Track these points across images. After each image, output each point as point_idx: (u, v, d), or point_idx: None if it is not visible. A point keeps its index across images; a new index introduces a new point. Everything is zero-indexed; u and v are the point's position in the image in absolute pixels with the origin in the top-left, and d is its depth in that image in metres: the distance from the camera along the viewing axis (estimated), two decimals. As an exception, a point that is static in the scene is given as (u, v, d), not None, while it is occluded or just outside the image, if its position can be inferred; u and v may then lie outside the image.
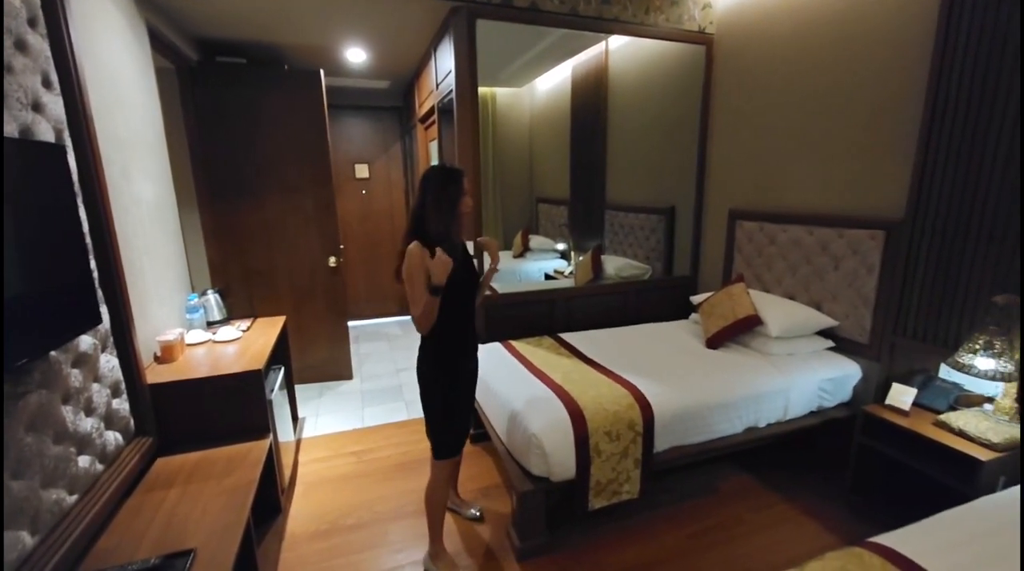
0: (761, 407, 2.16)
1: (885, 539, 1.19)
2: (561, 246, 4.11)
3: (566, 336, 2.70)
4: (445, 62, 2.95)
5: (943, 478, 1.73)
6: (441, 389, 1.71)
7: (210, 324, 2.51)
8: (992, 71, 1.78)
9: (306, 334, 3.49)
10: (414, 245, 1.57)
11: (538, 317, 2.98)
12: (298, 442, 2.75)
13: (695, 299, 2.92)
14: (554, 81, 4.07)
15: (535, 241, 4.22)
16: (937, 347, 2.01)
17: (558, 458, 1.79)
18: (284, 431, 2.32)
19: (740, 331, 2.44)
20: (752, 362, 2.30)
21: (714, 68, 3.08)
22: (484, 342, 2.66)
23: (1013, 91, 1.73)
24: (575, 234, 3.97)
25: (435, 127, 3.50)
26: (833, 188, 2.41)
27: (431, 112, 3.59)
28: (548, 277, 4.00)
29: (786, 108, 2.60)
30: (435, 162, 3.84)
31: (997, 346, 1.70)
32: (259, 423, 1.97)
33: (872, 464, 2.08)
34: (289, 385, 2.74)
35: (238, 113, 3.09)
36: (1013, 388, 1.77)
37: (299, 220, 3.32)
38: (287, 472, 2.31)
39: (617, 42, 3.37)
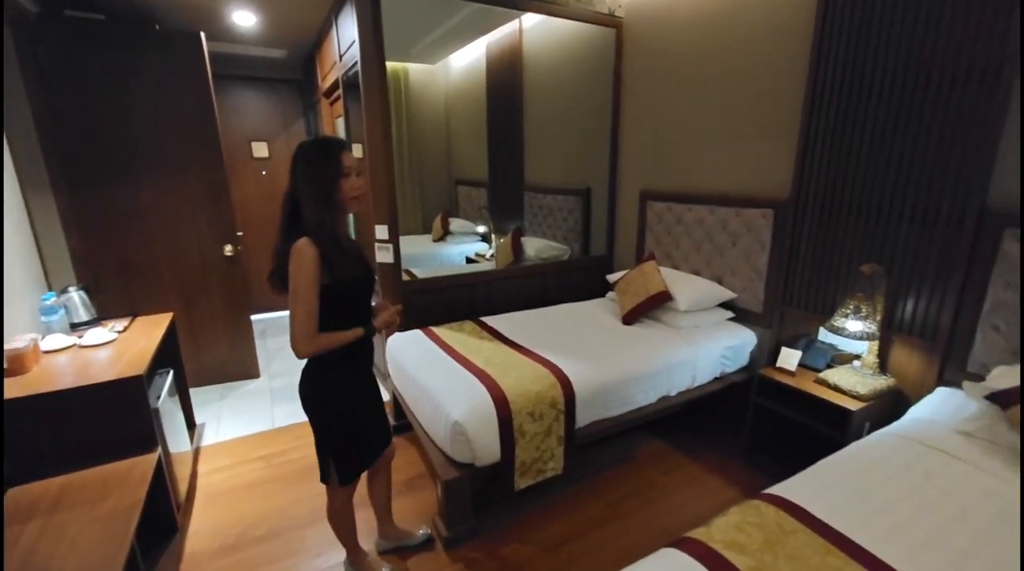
0: (672, 377, 2.30)
1: (777, 489, 1.30)
2: (482, 229, 4.06)
3: (488, 319, 2.68)
4: (348, 31, 2.73)
5: (823, 428, 1.95)
6: (344, 411, 1.45)
7: (75, 326, 2.16)
8: (859, 65, 1.98)
9: (201, 331, 3.14)
10: (304, 243, 1.25)
11: (460, 301, 2.92)
12: (196, 451, 2.48)
13: (611, 278, 3.02)
14: (469, 58, 3.95)
15: (455, 224, 4.13)
16: (817, 314, 2.25)
17: (482, 443, 1.77)
18: (177, 441, 2.08)
19: (652, 307, 2.56)
20: (663, 335, 2.43)
21: (624, 52, 3.15)
22: (404, 329, 2.56)
23: (876, 85, 1.94)
24: (495, 216, 3.94)
25: (341, 102, 3.25)
26: (730, 170, 2.58)
27: (336, 86, 3.33)
28: (470, 260, 3.94)
29: (689, 93, 2.73)
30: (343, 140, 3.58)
31: (863, 310, 1.93)
32: (144, 435, 1.74)
33: (766, 421, 2.30)
34: (181, 389, 2.45)
35: (101, 80, 2.63)
36: (876, 346, 2.02)
37: (185, 204, 2.94)
38: (183, 486, 2.07)
39: (531, 20, 3.33)
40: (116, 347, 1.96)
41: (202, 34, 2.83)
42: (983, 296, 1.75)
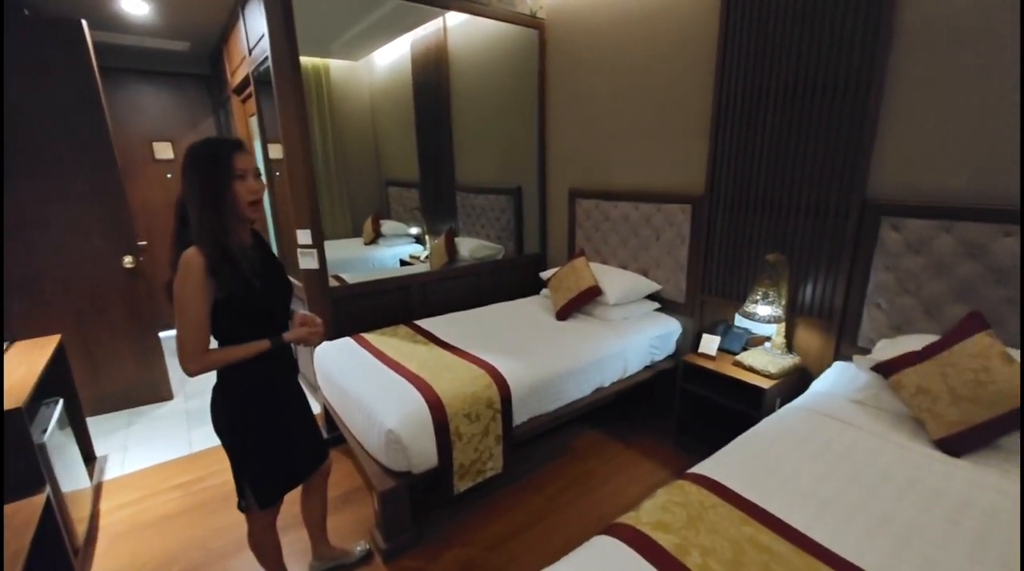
0: (605, 369, 2.37)
1: (699, 468, 1.38)
2: (415, 230, 3.98)
3: (422, 322, 2.63)
4: (256, 24, 2.56)
5: (741, 407, 2.10)
6: (258, 430, 1.34)
7: (-66, 356, 1.86)
8: (758, 74, 2.14)
9: (100, 354, 2.82)
10: (191, 253, 1.16)
11: (393, 306, 2.85)
12: (97, 487, 2.23)
13: (544, 275, 3.07)
14: (393, 56, 3.85)
15: (387, 226, 4.02)
16: (732, 301, 2.42)
17: (418, 449, 1.73)
18: (72, 478, 1.85)
19: (584, 302, 2.63)
20: (596, 329, 2.51)
21: (547, 53, 3.21)
22: (332, 338, 2.45)
23: (772, 92, 2.11)
24: (428, 217, 3.87)
25: (254, 100, 3.05)
26: (651, 167, 2.71)
27: (247, 82, 3.11)
28: (404, 263, 3.85)
29: (609, 94, 2.83)
30: (258, 140, 3.36)
31: (771, 296, 2.10)
32: (27, 475, 1.53)
33: (693, 404, 2.44)
34: (75, 420, 2.19)
35: (-45, 70, 2.28)
36: (783, 328, 2.20)
37: (71, 211, 2.62)
38: (82, 527, 1.85)
39: (455, 19, 3.31)
40: (-12, 377, 1.71)
41: (84, 22, 2.54)
42: (867, 279, 1.96)
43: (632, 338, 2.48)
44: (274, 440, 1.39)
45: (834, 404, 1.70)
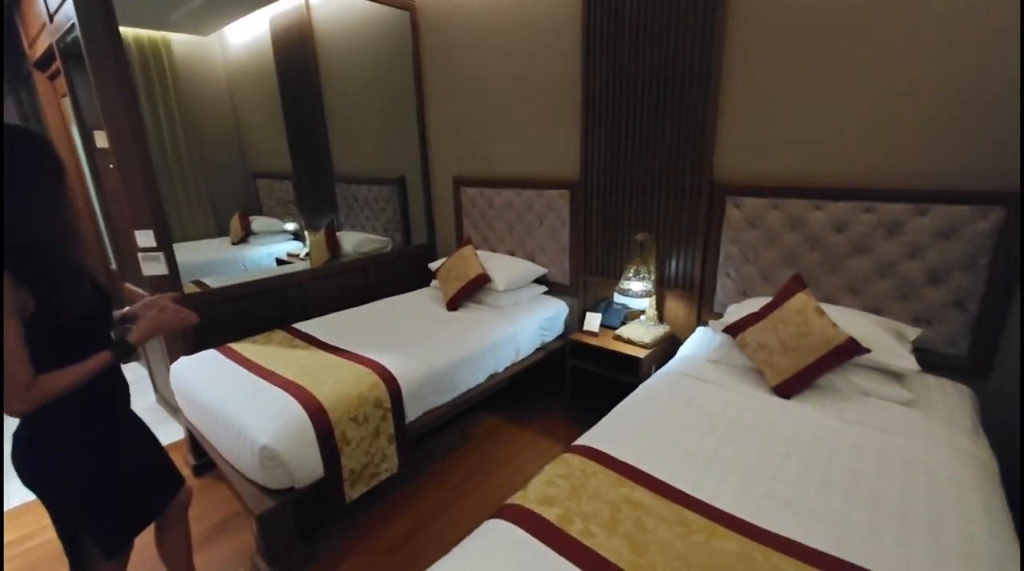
0: (498, 354, 2.40)
1: (582, 440, 1.46)
2: (291, 226, 3.66)
3: (302, 325, 2.43)
4: (56, -18, 2.12)
5: (623, 377, 2.26)
6: (87, 470, 1.14)
7: None
8: (619, 66, 2.28)
9: None
10: None
11: (267, 310, 2.59)
12: None
13: (432, 266, 3.02)
14: (251, 34, 3.46)
15: (258, 223, 3.64)
16: (611, 279, 2.59)
17: (299, 462, 1.60)
18: None
19: (474, 290, 2.63)
20: (486, 316, 2.53)
21: (420, 36, 3.11)
22: (192, 351, 2.17)
23: (633, 83, 2.26)
24: (306, 211, 3.58)
25: (64, 78, 2.53)
26: (530, 154, 2.77)
27: (52, 56, 2.58)
28: (281, 262, 3.53)
29: (487, 80, 2.83)
30: (75, 126, 2.82)
31: (642, 272, 2.28)
32: None
33: (583, 380, 2.57)
34: None
35: None
36: (654, 300, 2.41)
37: None
38: None
39: (315, -5, 3.05)
40: None
41: None
42: (718, 251, 2.20)
43: (522, 322, 2.54)
44: (109, 477, 1.18)
45: (696, 365, 1.90)
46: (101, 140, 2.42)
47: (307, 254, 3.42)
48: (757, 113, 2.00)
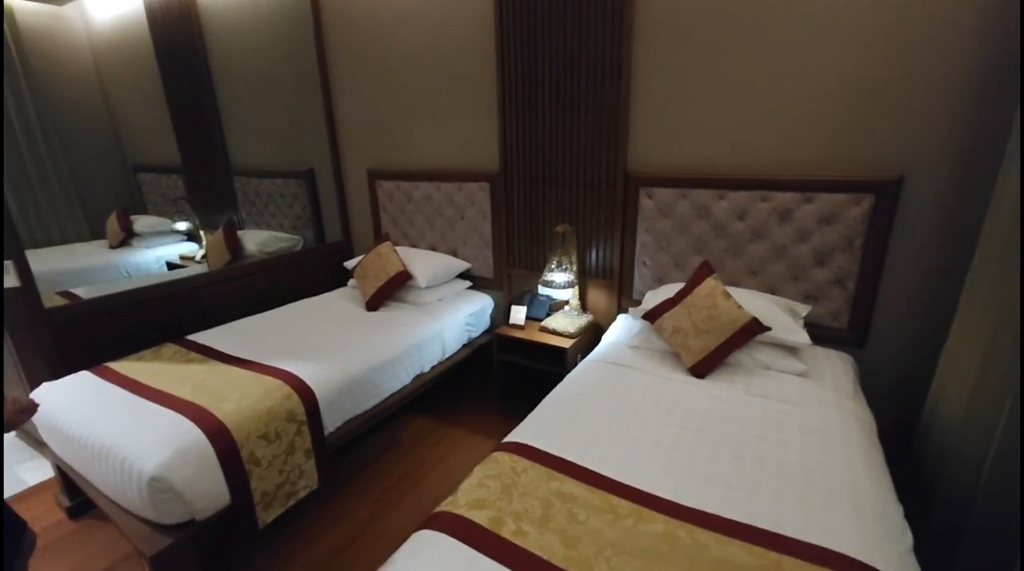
0: (423, 354, 2.32)
1: (511, 436, 1.44)
2: (183, 225, 3.27)
3: (197, 336, 2.17)
4: None
5: (550, 368, 2.27)
6: None
7: None
8: (534, 60, 2.26)
9: None
10: None
11: (155, 322, 2.29)
12: None
13: (349, 264, 2.84)
14: (120, 8, 3.02)
15: (141, 223, 3.21)
16: (534, 271, 2.59)
17: (199, 491, 1.42)
18: None
19: (394, 288, 2.51)
20: (409, 315, 2.42)
21: (323, 20, 2.89)
22: (59, 376, 1.85)
23: (548, 77, 2.25)
24: (199, 209, 3.22)
25: None
26: (447, 146, 2.69)
27: None
28: (173, 266, 3.15)
29: (400, 69, 2.70)
30: None
31: (564, 263, 2.30)
32: None
33: (511, 373, 2.56)
34: None
35: None
36: (577, 291, 2.45)
37: None
38: None
39: (196, -36, 2.72)
40: None
41: None
42: (635, 240, 2.28)
43: (447, 319, 2.47)
44: None
45: (618, 352, 1.96)
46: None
47: (203, 256, 3.08)
48: (665, 107, 2.08)
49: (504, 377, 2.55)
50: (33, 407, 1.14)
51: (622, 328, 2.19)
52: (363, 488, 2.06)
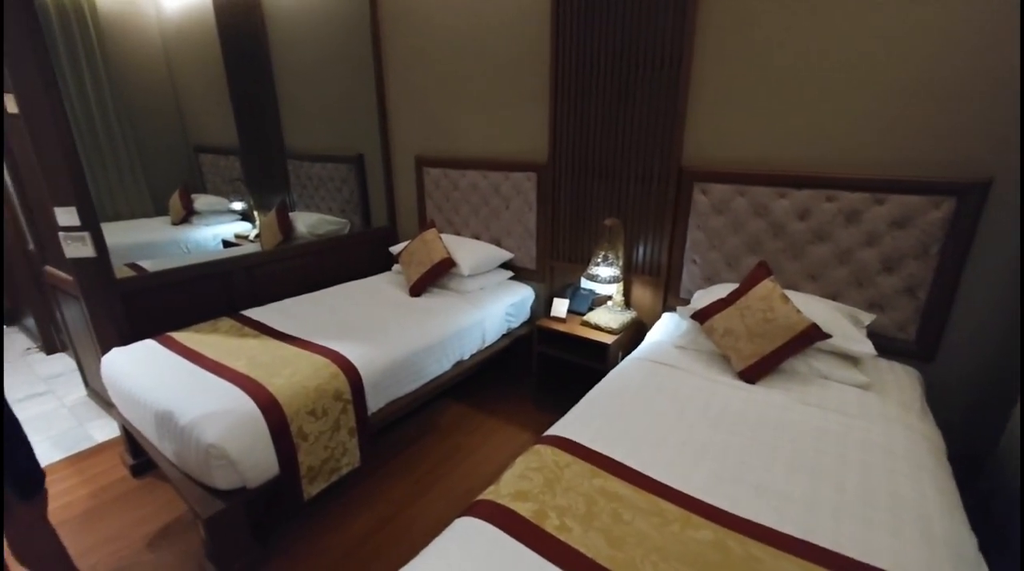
0: (463, 341, 2.33)
1: (553, 430, 1.43)
2: (239, 205, 3.41)
3: (251, 312, 2.26)
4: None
5: (590, 363, 2.25)
6: None
7: None
8: (589, 46, 2.20)
9: None
10: None
11: (212, 296, 2.40)
12: None
13: (394, 249, 2.89)
14: (186, -6, 3.15)
15: (201, 201, 3.37)
16: (578, 264, 2.56)
17: (252, 461, 1.49)
18: None
19: (438, 275, 2.54)
20: (451, 302, 2.44)
21: (379, 7, 2.91)
22: (127, 342, 1.97)
23: (603, 64, 2.19)
24: (255, 190, 3.35)
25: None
26: (497, 135, 2.67)
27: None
28: (228, 244, 3.29)
29: (452, 57, 2.69)
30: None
31: (610, 257, 2.25)
32: None
33: (550, 366, 2.55)
34: None
35: None
36: (621, 286, 2.40)
37: None
38: None
39: (261, -49, 2.80)
40: None
41: None
42: (685, 237, 2.21)
43: (488, 308, 2.48)
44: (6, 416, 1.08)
45: (664, 351, 1.91)
46: (11, 105, 2.13)
47: (257, 236, 3.20)
48: (726, 99, 1.99)
49: (542, 369, 2.53)
50: None
51: (668, 327, 2.13)
52: (401, 469, 2.11)
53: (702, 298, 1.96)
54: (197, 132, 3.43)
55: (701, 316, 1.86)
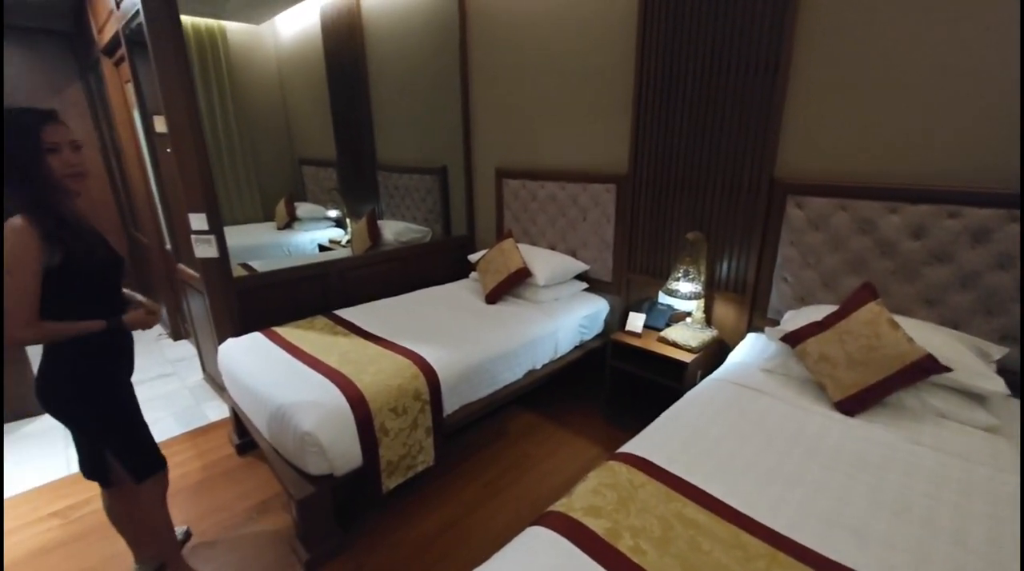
0: (536, 351, 2.35)
1: (628, 447, 1.40)
2: (334, 213, 3.72)
3: (343, 312, 2.45)
4: (123, -30, 2.18)
5: (666, 381, 2.17)
6: (118, 393, 1.35)
7: None
8: (676, 53, 2.16)
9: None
10: (16, 220, 1.14)
11: (309, 295, 2.63)
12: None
13: (472, 258, 2.99)
14: (302, 23, 3.51)
15: (303, 209, 3.72)
16: (656, 278, 2.49)
17: (339, 450, 1.61)
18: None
19: (514, 284, 2.59)
20: (526, 312, 2.48)
21: (468, 25, 3.06)
22: (239, 333, 2.22)
23: (689, 71, 2.14)
24: (348, 199, 3.63)
25: (128, 64, 2.62)
26: (576, 146, 2.69)
27: (117, 42, 2.67)
28: (323, 248, 3.60)
29: (535, 70, 2.76)
30: (136, 110, 2.93)
31: (691, 273, 2.17)
32: None
33: (622, 380, 2.50)
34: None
35: None
36: (702, 303, 2.30)
37: None
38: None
39: (366, -18, 3.05)
40: None
41: None
42: (775, 254, 2.08)
43: (562, 319, 2.48)
44: (129, 404, 1.36)
45: (748, 374, 1.80)
46: (160, 125, 2.49)
47: (348, 241, 3.46)
48: (830, 105, 1.85)
49: (614, 384, 2.49)
50: (156, 309, 1.40)
51: (753, 348, 2.01)
52: (472, 472, 2.16)
53: (794, 319, 1.83)
54: (302, 146, 3.79)
55: (792, 339, 1.73)
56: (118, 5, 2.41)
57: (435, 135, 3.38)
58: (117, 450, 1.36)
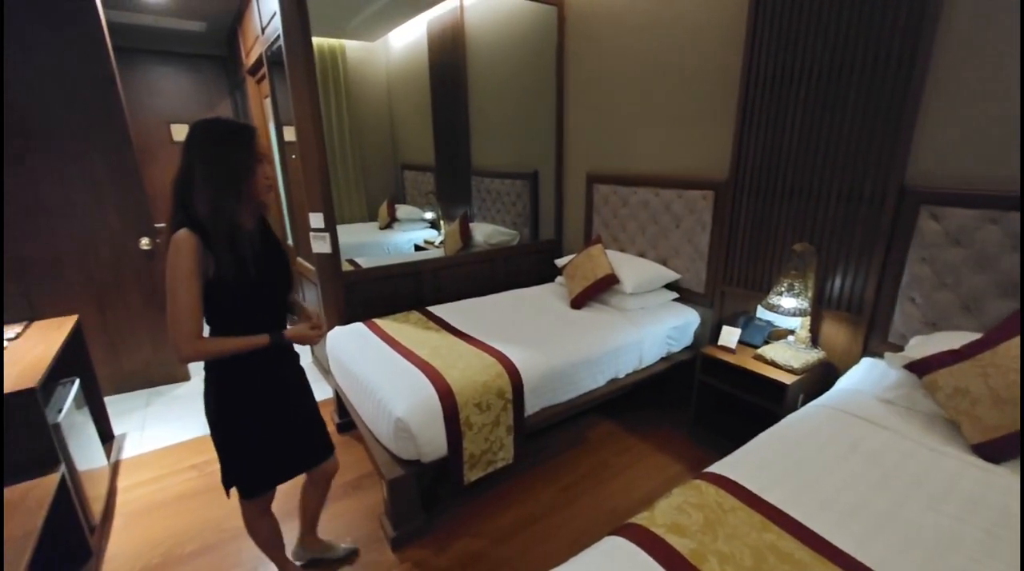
0: (620, 360, 2.31)
1: (716, 468, 1.32)
2: (429, 215, 3.94)
3: (435, 309, 2.59)
4: (269, 2, 2.50)
5: (761, 402, 2.02)
6: (246, 428, 1.32)
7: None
8: (789, 52, 2.01)
9: (118, 334, 2.87)
10: (183, 233, 1.12)
11: (405, 291, 2.82)
12: (115, 466, 2.27)
13: (559, 262, 3.00)
14: (410, 37, 3.78)
15: (402, 211, 3.99)
16: (755, 291, 2.33)
17: (427, 438, 1.71)
18: (88, 456, 1.88)
19: (600, 290, 2.56)
20: (611, 319, 2.44)
21: (566, 31, 3.09)
22: (345, 323, 2.44)
23: (804, 71, 1.98)
24: (443, 202, 3.83)
25: (268, 81, 3.01)
26: (672, 152, 2.60)
27: (260, 63, 3.07)
28: (419, 248, 3.83)
29: (631, 76, 2.71)
30: (272, 122, 3.33)
31: (796, 287, 2.00)
32: (41, 454, 1.55)
33: (710, 397, 2.36)
34: (93, 399, 2.23)
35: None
36: (808, 321, 2.11)
37: (89, 193, 2.64)
38: (98, 505, 1.88)
39: (471, -4, 3.20)
40: (6, 357, 1.73)
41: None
42: (901, 271, 1.84)
43: (649, 329, 2.41)
44: (258, 438, 1.35)
45: (862, 403, 1.62)
46: (289, 134, 2.83)
47: (442, 242, 3.65)
48: (980, 106, 1.61)
49: (702, 400, 2.36)
50: (320, 323, 1.41)
51: (868, 374, 1.80)
52: (549, 475, 2.18)
53: (923, 346, 1.61)
54: (404, 152, 4.08)
55: (920, 368, 1.53)
56: (263, 31, 2.77)
57: (528, 141, 3.45)
58: (224, 468, 1.37)
